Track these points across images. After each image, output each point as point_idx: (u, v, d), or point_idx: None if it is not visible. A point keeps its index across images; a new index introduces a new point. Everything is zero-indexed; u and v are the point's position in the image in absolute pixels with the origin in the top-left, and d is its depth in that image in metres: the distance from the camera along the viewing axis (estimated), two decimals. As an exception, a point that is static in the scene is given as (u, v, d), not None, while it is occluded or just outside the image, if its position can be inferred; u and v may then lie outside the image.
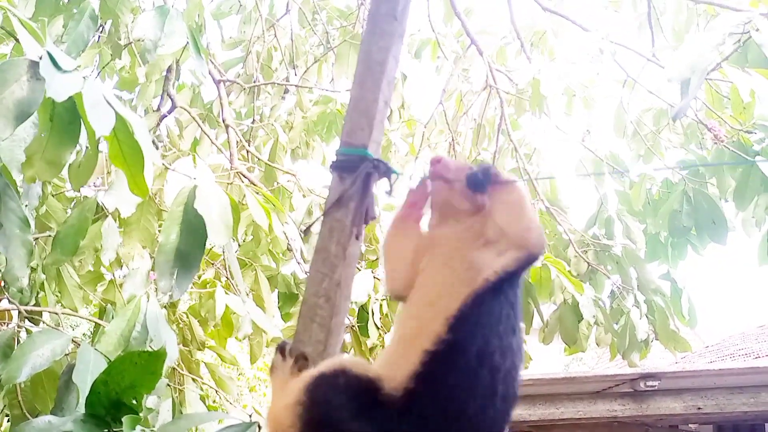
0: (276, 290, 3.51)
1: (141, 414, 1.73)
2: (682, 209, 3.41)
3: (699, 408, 3.82)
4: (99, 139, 2.00)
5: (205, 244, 2.01)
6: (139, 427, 1.68)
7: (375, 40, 1.41)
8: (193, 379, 2.99)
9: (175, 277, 1.91)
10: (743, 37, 2.48)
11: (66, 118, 1.78)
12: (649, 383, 3.60)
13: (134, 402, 1.71)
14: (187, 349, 3.13)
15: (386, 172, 1.40)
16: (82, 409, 1.76)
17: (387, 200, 2.73)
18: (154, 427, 2.10)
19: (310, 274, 1.33)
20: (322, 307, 1.28)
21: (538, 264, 3.55)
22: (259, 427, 1.66)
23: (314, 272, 1.31)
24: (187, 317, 3.19)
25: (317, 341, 1.27)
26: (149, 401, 2.52)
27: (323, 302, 1.28)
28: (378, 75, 1.38)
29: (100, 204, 2.60)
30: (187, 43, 2.63)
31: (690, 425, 5.62)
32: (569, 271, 3.77)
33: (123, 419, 1.61)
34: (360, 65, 1.42)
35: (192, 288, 3.29)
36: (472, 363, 1.12)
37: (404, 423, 1.09)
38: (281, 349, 1.29)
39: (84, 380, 1.96)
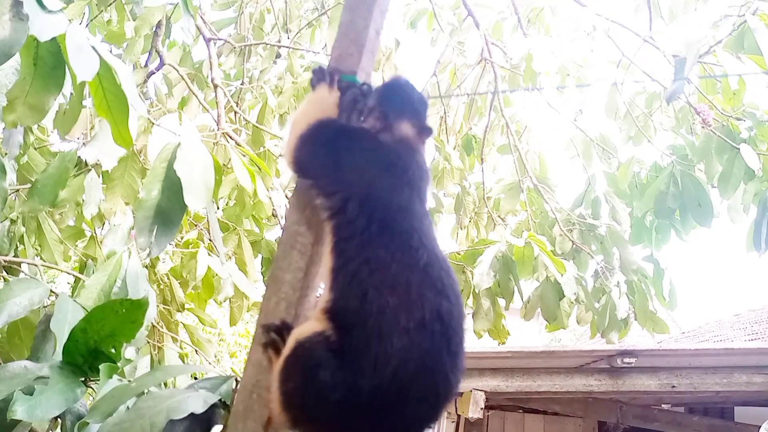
0: (260, 255, 3.49)
1: (119, 364, 1.72)
2: (668, 191, 3.43)
3: (673, 386, 3.90)
4: (85, 87, 1.96)
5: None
6: (115, 377, 1.67)
7: None
8: (173, 338, 2.98)
9: (154, 234, 1.88)
10: (738, 20, 2.46)
11: (50, 62, 1.73)
12: (626, 360, 3.66)
13: (113, 351, 1.70)
14: (167, 308, 3.12)
15: None
16: (59, 357, 1.75)
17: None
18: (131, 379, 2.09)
19: (292, 202, 1.31)
20: (303, 234, 1.27)
21: (521, 242, 3.57)
22: (237, 382, 1.66)
23: (295, 200, 1.30)
24: (168, 278, 3.17)
25: (297, 268, 1.26)
26: (128, 353, 2.52)
27: (304, 230, 1.27)
28: (370, 2, 1.34)
29: (83, 158, 2.55)
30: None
31: (663, 405, 5.74)
32: (552, 251, 3.80)
33: (100, 367, 1.60)
34: None
35: (174, 248, 3.26)
36: (360, 308, 1.15)
37: (348, 362, 1.13)
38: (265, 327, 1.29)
39: (62, 329, 1.93)
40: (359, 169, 1.26)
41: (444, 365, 1.17)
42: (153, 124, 2.44)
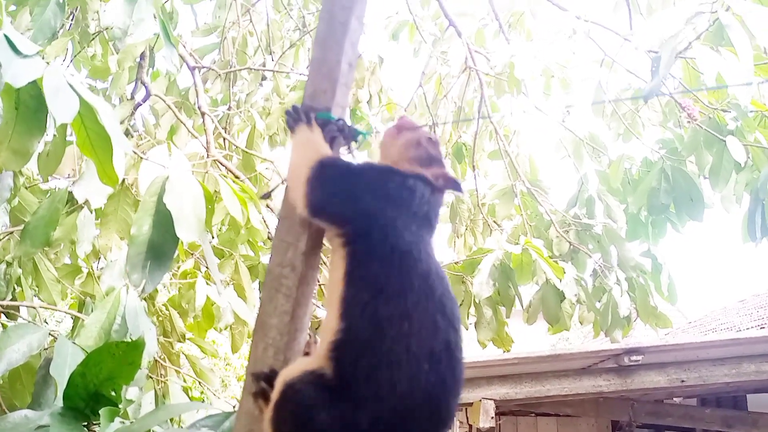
0: (257, 280, 3.48)
1: (120, 406, 1.71)
2: (660, 186, 3.43)
3: (682, 381, 3.88)
4: (67, 127, 1.96)
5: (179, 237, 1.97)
6: (117, 419, 1.66)
7: (337, 0, 1.37)
8: (177, 371, 2.96)
9: (147, 270, 1.87)
10: (712, 16, 2.46)
11: (32, 106, 1.72)
12: (633, 358, 3.64)
13: (113, 394, 1.69)
14: (168, 340, 3.10)
15: (352, 134, 1.39)
16: (60, 403, 1.73)
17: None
18: (135, 419, 2.08)
19: (274, 243, 1.30)
20: (288, 276, 1.25)
21: (517, 250, 3.57)
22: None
23: (278, 242, 1.28)
24: (167, 309, 3.16)
25: (283, 312, 1.24)
26: (130, 393, 2.50)
27: (288, 272, 1.25)
28: (340, 36, 1.34)
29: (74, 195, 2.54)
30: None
31: (674, 399, 5.71)
32: (549, 254, 3.80)
33: (101, 411, 1.59)
34: (321, 25, 1.37)
35: (172, 279, 3.25)
36: (371, 336, 1.15)
37: (345, 400, 1.12)
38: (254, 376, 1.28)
39: (62, 373, 1.92)
40: (377, 199, 1.26)
41: (448, 394, 1.17)
42: (141, 158, 2.44)
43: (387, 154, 1.43)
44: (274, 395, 1.18)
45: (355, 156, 1.44)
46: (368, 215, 1.24)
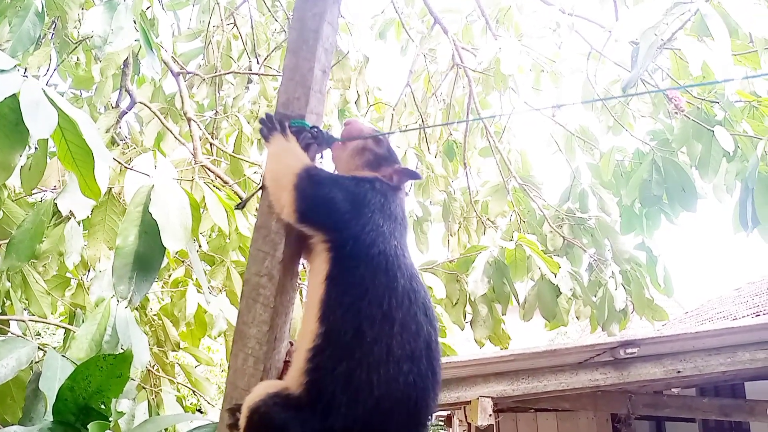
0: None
1: (111, 418, 1.69)
2: (652, 178, 3.42)
3: (678, 371, 3.88)
4: (49, 140, 1.93)
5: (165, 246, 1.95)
6: (107, 432, 1.63)
7: (308, 7, 1.36)
8: (170, 381, 2.94)
9: (134, 280, 1.85)
10: (693, 6, 2.45)
11: (12, 120, 1.69)
12: (629, 350, 3.63)
13: (102, 407, 1.67)
14: (162, 350, 3.08)
15: (327, 140, 1.39)
16: (50, 417, 1.71)
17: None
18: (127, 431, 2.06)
19: (251, 253, 1.29)
20: (265, 286, 1.24)
21: (511, 246, 3.55)
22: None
23: (255, 251, 1.27)
24: (160, 318, 3.13)
25: (261, 321, 1.23)
26: (123, 405, 2.48)
27: (266, 281, 1.24)
28: (313, 43, 1.33)
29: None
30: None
31: (673, 389, 5.72)
32: (544, 249, 3.79)
33: (89, 426, 1.57)
34: (293, 33, 1.37)
35: (163, 288, 3.22)
36: (351, 339, 1.15)
37: (315, 413, 1.13)
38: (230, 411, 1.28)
39: (51, 387, 1.90)
40: (360, 206, 1.28)
41: (428, 391, 1.19)
42: (126, 168, 2.41)
43: (340, 166, 1.47)
44: (242, 423, 1.18)
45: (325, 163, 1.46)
46: (354, 221, 1.25)
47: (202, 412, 4.28)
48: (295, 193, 1.27)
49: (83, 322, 2.71)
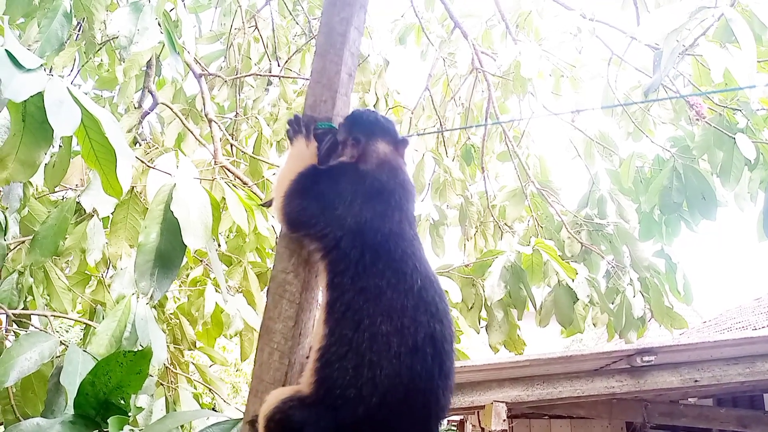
0: (266, 287, 3.48)
1: (130, 413, 1.71)
2: (672, 185, 3.39)
3: (696, 381, 3.83)
4: (73, 138, 1.97)
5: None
6: (127, 427, 1.66)
7: (336, 11, 1.38)
8: (187, 379, 2.97)
9: (155, 277, 1.88)
10: (717, 11, 2.42)
11: (38, 118, 1.73)
12: (646, 358, 3.59)
13: (122, 402, 1.70)
14: (178, 348, 3.11)
15: None
16: (71, 411, 1.74)
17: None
18: (144, 427, 2.08)
19: (278, 250, 1.31)
20: (291, 282, 1.27)
21: (528, 251, 3.54)
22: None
23: (281, 248, 1.30)
24: (177, 317, 3.16)
25: (287, 317, 1.26)
26: (141, 400, 2.51)
27: (292, 278, 1.27)
28: (340, 46, 1.35)
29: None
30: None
31: (690, 399, 5.64)
32: (561, 255, 3.76)
33: (109, 420, 1.60)
34: (320, 37, 1.39)
35: (181, 287, 3.26)
36: (353, 335, 1.16)
37: (327, 409, 1.14)
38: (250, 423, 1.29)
39: (72, 382, 1.93)
40: (347, 203, 1.26)
41: (435, 386, 1.18)
42: (148, 167, 2.45)
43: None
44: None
45: None
46: (339, 220, 1.25)
47: (216, 411, 4.31)
48: (284, 199, 1.29)
49: (103, 318, 2.76)
